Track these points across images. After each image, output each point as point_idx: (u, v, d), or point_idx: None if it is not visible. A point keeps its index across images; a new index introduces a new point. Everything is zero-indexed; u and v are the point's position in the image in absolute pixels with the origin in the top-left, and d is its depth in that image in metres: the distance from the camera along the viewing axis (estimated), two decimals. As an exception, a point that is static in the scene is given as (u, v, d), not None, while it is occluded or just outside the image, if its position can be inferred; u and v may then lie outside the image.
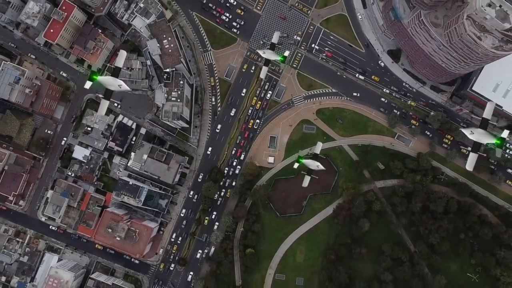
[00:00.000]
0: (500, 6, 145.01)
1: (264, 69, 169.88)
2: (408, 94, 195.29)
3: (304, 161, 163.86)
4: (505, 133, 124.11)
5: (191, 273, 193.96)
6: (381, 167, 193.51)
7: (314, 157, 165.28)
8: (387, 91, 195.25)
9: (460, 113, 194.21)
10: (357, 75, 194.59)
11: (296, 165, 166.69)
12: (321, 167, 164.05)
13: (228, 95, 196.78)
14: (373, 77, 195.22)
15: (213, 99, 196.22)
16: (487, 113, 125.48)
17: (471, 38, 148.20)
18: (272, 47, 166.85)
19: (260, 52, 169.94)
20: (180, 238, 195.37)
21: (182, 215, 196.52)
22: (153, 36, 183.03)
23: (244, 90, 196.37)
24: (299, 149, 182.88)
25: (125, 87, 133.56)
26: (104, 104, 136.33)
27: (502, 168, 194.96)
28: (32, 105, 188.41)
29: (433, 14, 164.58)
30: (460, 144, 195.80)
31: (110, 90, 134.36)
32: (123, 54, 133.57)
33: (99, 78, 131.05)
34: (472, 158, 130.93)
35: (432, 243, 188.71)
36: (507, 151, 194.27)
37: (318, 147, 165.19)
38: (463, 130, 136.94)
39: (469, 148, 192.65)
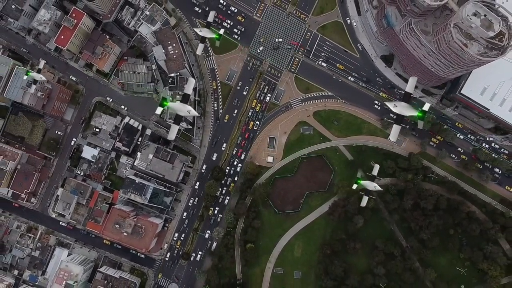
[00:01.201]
0: (485, 15, 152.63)
1: (200, 46, 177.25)
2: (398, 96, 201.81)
3: (362, 182, 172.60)
4: (426, 106, 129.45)
5: (200, 252, 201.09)
6: (373, 165, 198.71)
7: (371, 178, 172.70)
8: (382, 94, 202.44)
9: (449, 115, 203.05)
10: (360, 83, 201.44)
11: (354, 186, 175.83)
12: (378, 187, 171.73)
13: (229, 98, 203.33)
14: (338, 65, 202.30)
15: (215, 103, 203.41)
16: (410, 87, 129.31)
17: (458, 45, 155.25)
18: (208, 25, 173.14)
19: (197, 30, 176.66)
20: (183, 234, 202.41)
21: (184, 215, 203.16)
22: (159, 43, 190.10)
23: (245, 93, 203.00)
24: (357, 169, 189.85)
25: (194, 112, 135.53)
26: (174, 129, 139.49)
27: (490, 169, 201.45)
28: (43, 108, 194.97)
29: (423, 22, 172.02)
30: (450, 145, 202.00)
31: (180, 115, 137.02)
32: (191, 81, 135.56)
33: (170, 104, 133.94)
34: (395, 129, 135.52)
35: (423, 239, 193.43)
36: (502, 150, 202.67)
37: (376, 169, 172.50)
38: (388, 104, 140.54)
39: (460, 149, 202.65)
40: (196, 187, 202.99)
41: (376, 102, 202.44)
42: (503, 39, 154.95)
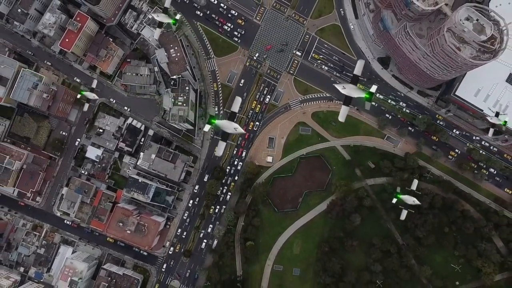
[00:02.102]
0: (477, 20, 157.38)
1: (158, 31, 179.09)
2: (397, 98, 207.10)
3: (401, 196, 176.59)
4: (373, 88, 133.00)
5: (205, 240, 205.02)
6: (372, 166, 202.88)
7: (410, 192, 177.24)
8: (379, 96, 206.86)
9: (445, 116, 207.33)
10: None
11: (394, 200, 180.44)
12: (417, 202, 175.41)
13: (230, 99, 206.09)
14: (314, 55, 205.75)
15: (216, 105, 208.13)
16: (357, 70, 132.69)
17: (451, 48, 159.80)
18: (165, 11, 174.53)
19: (154, 15, 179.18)
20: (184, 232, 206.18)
21: (186, 215, 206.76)
22: (161, 46, 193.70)
23: (245, 94, 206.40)
24: (396, 189, 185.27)
25: (240, 130, 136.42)
26: (222, 145, 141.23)
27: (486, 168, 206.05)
28: (49, 109, 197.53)
29: (417, 26, 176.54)
30: (448, 147, 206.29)
31: (226, 132, 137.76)
32: (238, 100, 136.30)
33: (217, 121, 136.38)
34: (343, 110, 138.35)
35: (419, 236, 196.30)
36: (492, 148, 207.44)
37: (414, 185, 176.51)
38: (336, 86, 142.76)
39: (457, 150, 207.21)
40: (196, 190, 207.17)
41: (373, 103, 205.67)
42: (494, 43, 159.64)
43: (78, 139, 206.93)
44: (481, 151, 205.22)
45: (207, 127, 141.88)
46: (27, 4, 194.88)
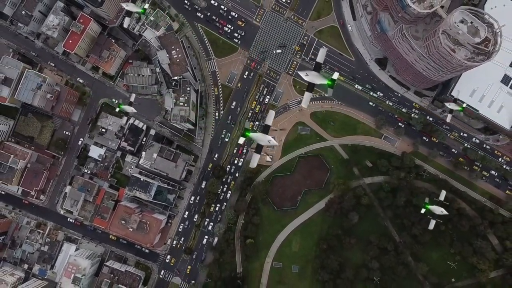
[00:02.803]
0: (471, 22, 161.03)
1: (127, 20, 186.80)
2: (393, 98, 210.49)
3: (430, 207, 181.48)
4: (335, 75, 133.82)
5: (207, 236, 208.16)
6: (369, 165, 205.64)
7: (439, 203, 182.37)
8: (375, 95, 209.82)
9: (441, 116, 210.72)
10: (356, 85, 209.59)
11: (423, 211, 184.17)
12: (445, 212, 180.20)
13: (230, 100, 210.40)
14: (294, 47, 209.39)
15: (216, 104, 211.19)
16: (320, 57, 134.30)
17: (446, 50, 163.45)
18: (134, 0, 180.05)
19: (124, 5, 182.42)
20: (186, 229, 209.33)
21: (186, 214, 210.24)
22: (163, 47, 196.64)
23: (245, 95, 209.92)
24: (424, 199, 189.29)
25: (273, 142, 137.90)
26: (256, 158, 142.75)
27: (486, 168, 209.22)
28: (52, 109, 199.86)
29: (414, 28, 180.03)
30: (444, 146, 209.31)
31: (260, 145, 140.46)
32: (271, 114, 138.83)
33: (251, 134, 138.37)
34: (306, 96, 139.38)
35: (415, 234, 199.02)
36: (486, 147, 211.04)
37: (442, 195, 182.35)
38: (300, 72, 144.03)
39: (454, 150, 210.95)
40: (191, 201, 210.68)
41: (371, 103, 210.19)
42: (488, 45, 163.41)
43: (81, 139, 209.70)
44: (479, 152, 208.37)
45: (241, 140, 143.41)
46: (31, 6, 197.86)
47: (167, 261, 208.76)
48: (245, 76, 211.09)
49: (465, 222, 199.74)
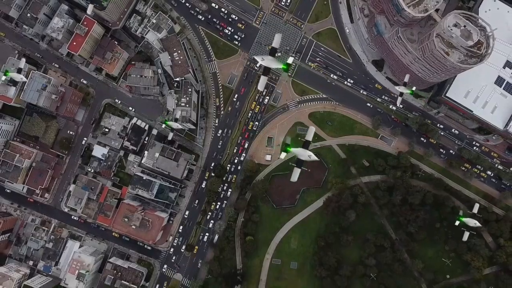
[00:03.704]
0: (465, 26, 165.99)
1: (90, 7, 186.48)
2: (390, 99, 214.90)
3: (464, 219, 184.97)
4: (290, 59, 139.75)
5: (207, 234, 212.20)
6: (366, 164, 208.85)
7: (472, 215, 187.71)
8: (375, 97, 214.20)
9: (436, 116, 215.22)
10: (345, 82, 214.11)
11: (457, 223, 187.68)
12: (478, 224, 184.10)
13: (230, 101, 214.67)
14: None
15: (217, 104, 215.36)
16: (275, 43, 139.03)
17: (440, 53, 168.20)
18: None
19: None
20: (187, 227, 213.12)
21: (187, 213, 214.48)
22: (165, 49, 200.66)
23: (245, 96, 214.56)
24: (459, 212, 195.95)
25: (314, 157, 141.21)
26: (297, 172, 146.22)
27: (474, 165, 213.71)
28: (57, 109, 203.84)
29: (409, 31, 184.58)
30: (440, 147, 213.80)
31: (301, 160, 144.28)
32: (311, 130, 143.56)
33: (292, 149, 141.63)
34: (262, 80, 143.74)
35: (411, 232, 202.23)
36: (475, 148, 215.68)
37: (476, 208, 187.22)
38: (256, 57, 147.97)
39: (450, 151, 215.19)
40: (186, 215, 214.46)
41: (368, 104, 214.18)
42: (481, 48, 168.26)
43: (85, 138, 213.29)
44: (473, 151, 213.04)
45: (283, 155, 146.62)
46: (36, 9, 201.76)
47: (169, 256, 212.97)
48: (244, 78, 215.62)
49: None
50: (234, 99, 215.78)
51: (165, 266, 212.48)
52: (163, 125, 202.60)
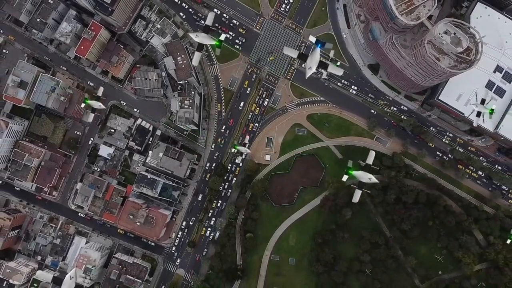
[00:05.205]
0: (454, 33, 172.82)
1: (197, 55, 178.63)
2: (385, 101, 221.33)
3: (354, 173, 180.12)
4: (222, 37, 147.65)
5: (209, 230, 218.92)
6: (362, 164, 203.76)
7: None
8: (370, 100, 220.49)
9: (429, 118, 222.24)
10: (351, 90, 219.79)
11: (345, 178, 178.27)
12: (374, 179, 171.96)
13: (231, 103, 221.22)
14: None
15: (219, 106, 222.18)
16: (209, 21, 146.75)
17: (431, 59, 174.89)
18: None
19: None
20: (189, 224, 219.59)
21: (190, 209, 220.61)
22: (169, 54, 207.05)
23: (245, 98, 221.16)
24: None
25: (374, 180, 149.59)
26: (358, 193, 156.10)
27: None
28: (65, 110, 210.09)
29: (402, 38, 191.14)
30: (437, 150, 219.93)
31: (362, 182, 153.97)
32: (372, 154, 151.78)
33: (354, 172, 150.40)
34: (196, 56, 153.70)
35: (405, 229, 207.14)
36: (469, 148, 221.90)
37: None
38: (190, 34, 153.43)
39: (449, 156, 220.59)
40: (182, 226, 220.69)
41: (372, 110, 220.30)
42: (470, 54, 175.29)
43: (91, 139, 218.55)
44: (465, 152, 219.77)
45: (345, 177, 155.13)
46: (45, 14, 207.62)
47: (172, 252, 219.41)
48: (245, 86, 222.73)
49: (451, 218, 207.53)
50: (234, 106, 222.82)
51: (168, 261, 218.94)
52: (233, 149, 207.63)
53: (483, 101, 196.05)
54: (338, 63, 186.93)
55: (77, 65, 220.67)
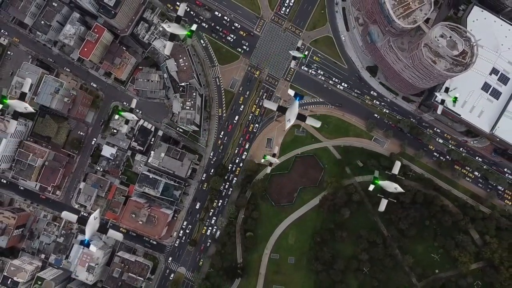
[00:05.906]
0: (450, 37, 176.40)
1: (169, 45, 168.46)
2: (383, 103, 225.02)
3: (381, 182, 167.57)
4: (194, 27, 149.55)
5: (210, 228, 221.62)
6: (360, 164, 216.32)
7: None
8: (368, 101, 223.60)
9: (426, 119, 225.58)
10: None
11: (371, 187, 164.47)
12: (400, 189, 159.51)
13: (231, 104, 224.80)
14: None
15: (220, 114, 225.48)
16: (180, 11, 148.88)
17: (428, 62, 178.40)
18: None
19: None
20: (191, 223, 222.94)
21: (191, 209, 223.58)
22: (171, 56, 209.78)
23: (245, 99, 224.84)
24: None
25: (399, 189, 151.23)
26: (384, 202, 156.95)
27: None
28: (69, 111, 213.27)
29: (400, 40, 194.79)
30: (434, 151, 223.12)
31: (387, 191, 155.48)
32: (398, 164, 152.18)
33: (380, 182, 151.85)
34: (169, 45, 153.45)
35: (402, 229, 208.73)
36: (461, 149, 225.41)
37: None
38: (163, 25, 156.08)
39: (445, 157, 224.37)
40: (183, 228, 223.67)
41: (366, 107, 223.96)
42: (466, 57, 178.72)
43: (94, 139, 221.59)
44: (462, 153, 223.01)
45: (371, 187, 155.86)
46: (49, 17, 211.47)
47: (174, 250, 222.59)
48: (246, 87, 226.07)
49: (448, 218, 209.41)
50: (238, 101, 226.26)
51: (170, 259, 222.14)
52: (262, 160, 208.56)
53: (447, 90, 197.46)
54: (306, 53, 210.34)
55: (80, 67, 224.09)
